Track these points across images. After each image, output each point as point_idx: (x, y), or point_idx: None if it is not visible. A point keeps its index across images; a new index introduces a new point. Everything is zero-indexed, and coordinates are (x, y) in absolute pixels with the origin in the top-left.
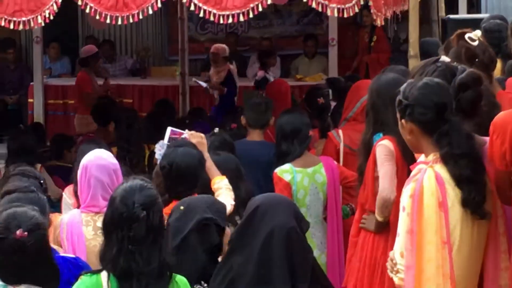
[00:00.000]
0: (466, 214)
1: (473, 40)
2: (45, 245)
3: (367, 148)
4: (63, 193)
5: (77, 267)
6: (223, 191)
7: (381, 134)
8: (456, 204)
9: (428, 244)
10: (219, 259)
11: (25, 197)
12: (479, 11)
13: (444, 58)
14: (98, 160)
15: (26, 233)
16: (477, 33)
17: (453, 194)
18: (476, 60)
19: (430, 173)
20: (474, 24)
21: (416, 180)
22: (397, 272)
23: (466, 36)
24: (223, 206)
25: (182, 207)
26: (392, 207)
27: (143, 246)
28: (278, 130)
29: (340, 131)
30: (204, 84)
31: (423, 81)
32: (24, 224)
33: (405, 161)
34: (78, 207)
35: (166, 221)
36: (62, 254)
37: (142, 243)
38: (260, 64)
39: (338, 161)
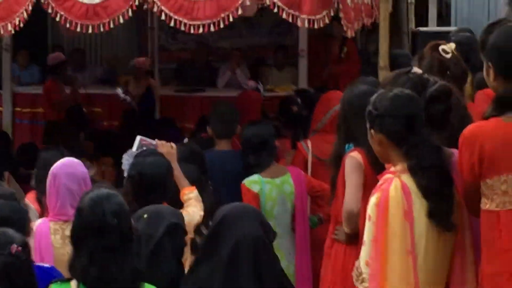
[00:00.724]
0: (432, 225)
1: (447, 53)
2: (33, 265)
3: (339, 160)
4: (25, 200)
5: (51, 277)
6: (193, 202)
7: (352, 146)
8: (422, 215)
9: (393, 253)
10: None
11: (6, 204)
12: (448, 24)
13: (416, 70)
14: (67, 169)
15: (20, 248)
16: (451, 45)
17: (419, 204)
18: (448, 72)
19: (397, 183)
20: (444, 36)
21: (382, 190)
22: (362, 281)
23: (440, 48)
24: (180, 212)
25: (145, 215)
26: (358, 218)
27: (115, 254)
28: (245, 142)
29: (309, 142)
30: (122, 96)
31: (394, 92)
32: (16, 240)
33: (375, 173)
34: (41, 213)
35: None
36: (38, 263)
37: (115, 251)
38: (250, 73)
39: (306, 171)
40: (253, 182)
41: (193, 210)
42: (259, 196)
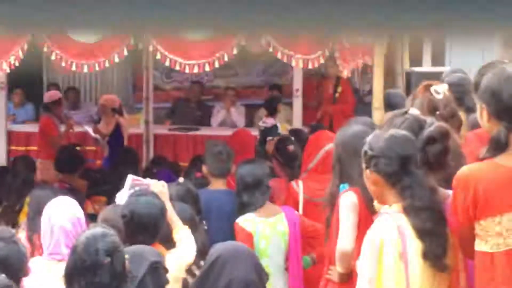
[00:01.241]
0: (426, 266)
1: (438, 93)
2: None
3: (333, 200)
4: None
5: None
6: (185, 241)
7: (346, 185)
8: (416, 256)
9: None
10: None
11: (5, 247)
12: (443, 65)
13: (413, 110)
14: (62, 208)
15: None
16: (444, 86)
17: (414, 245)
18: (437, 112)
19: (392, 223)
20: (437, 77)
21: (377, 230)
22: None
23: (432, 88)
24: (160, 252)
25: (126, 256)
26: (351, 258)
27: None
28: (239, 181)
29: (300, 182)
30: (93, 135)
31: (389, 132)
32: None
33: (369, 213)
34: (32, 253)
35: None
36: None
37: None
38: (268, 111)
39: (297, 211)
40: (246, 221)
41: (185, 250)
42: (253, 235)
